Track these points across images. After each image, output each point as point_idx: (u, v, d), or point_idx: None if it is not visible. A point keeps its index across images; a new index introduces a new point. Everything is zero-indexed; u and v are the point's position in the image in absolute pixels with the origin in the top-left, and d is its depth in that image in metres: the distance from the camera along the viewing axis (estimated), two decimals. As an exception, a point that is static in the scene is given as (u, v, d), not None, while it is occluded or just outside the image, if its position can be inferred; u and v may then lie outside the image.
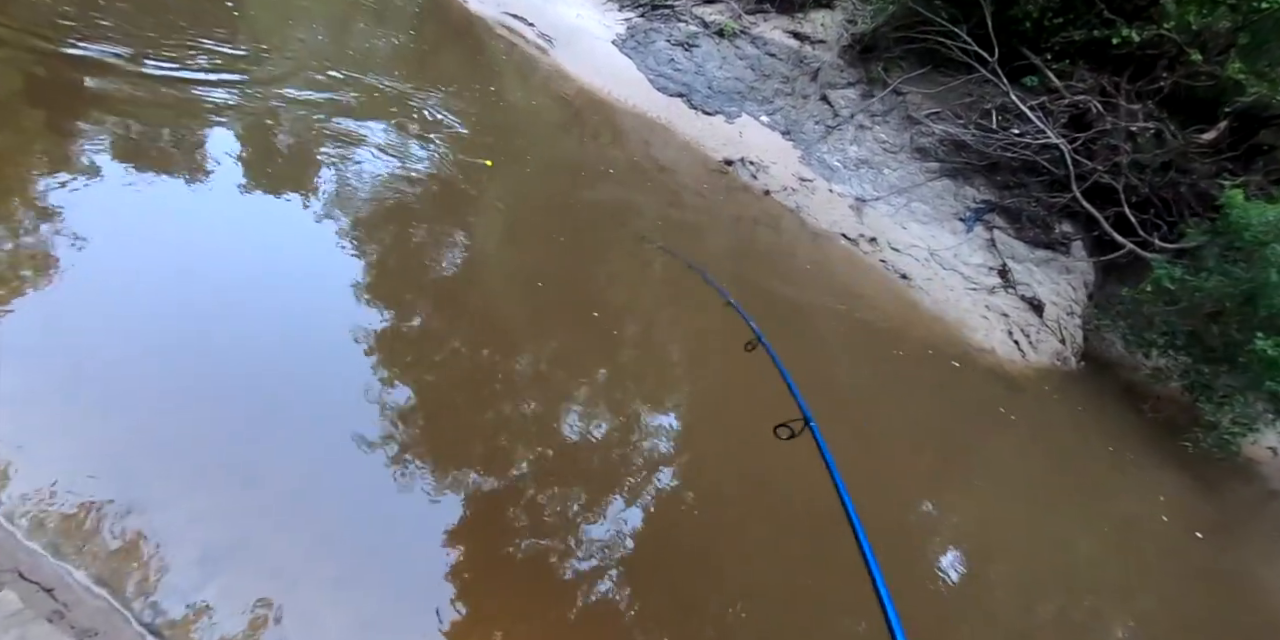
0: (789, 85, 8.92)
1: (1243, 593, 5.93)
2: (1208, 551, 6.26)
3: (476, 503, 3.40)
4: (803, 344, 6.43)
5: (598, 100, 8.93)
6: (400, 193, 5.59)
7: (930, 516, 5.06)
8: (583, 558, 3.36)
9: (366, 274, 4.67)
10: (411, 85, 7.27)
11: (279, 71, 6.40)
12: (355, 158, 5.76)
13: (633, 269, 6.33)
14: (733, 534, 3.98)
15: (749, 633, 3.41)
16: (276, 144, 5.58)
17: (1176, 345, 7.81)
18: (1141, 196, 8.32)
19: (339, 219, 5.04)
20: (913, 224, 8.22)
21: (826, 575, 3.93)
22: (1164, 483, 6.99)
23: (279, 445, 3.28)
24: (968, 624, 4.17)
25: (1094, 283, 8.60)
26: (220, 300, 3.89)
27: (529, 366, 4.54)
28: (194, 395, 3.33)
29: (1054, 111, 8.20)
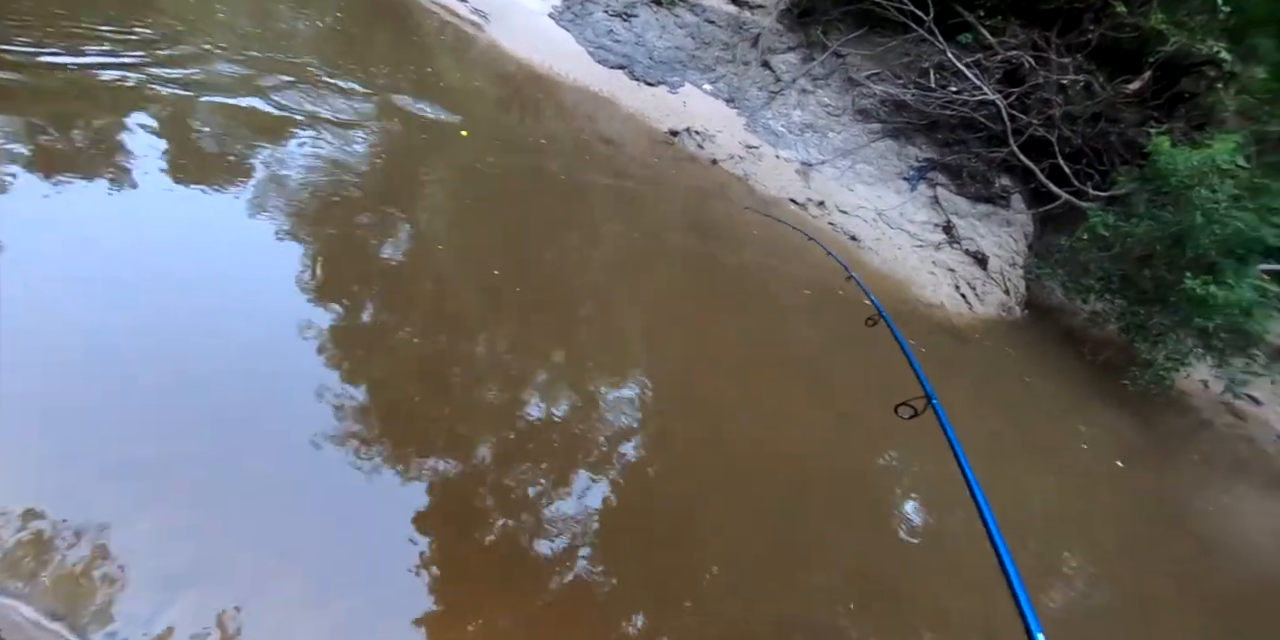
0: (730, 52, 8.90)
1: (1178, 517, 6.35)
2: (1145, 481, 6.68)
3: (442, 492, 3.38)
4: (757, 310, 6.57)
5: (538, 76, 8.79)
6: (337, 181, 5.38)
7: (891, 468, 5.28)
8: (554, 536, 3.37)
9: (307, 268, 4.48)
10: (343, 67, 7.05)
11: (198, 55, 6.12)
12: (289, 146, 5.53)
13: (585, 247, 6.33)
14: (703, 501, 4.06)
15: (725, 598, 3.49)
16: (198, 134, 5.26)
17: (1112, 289, 8.18)
18: (1074, 148, 8.60)
19: (271, 212, 4.80)
20: (859, 186, 8.37)
21: (797, 534, 4.10)
22: (1105, 421, 7.39)
23: (231, 454, 3.16)
24: (928, 569, 4.36)
25: (1033, 233, 8.91)
26: (155, 305, 3.72)
27: (485, 352, 4.50)
28: (133, 409, 3.18)
29: (989, 68, 8.37)
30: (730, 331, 5.97)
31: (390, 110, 6.69)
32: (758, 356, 5.80)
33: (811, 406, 5.44)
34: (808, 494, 4.49)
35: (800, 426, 5.12)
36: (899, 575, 4.18)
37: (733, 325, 6.09)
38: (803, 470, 4.67)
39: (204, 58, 6.10)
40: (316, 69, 6.78)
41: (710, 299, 6.37)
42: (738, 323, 6.18)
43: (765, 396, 5.28)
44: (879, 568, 4.18)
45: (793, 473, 4.60)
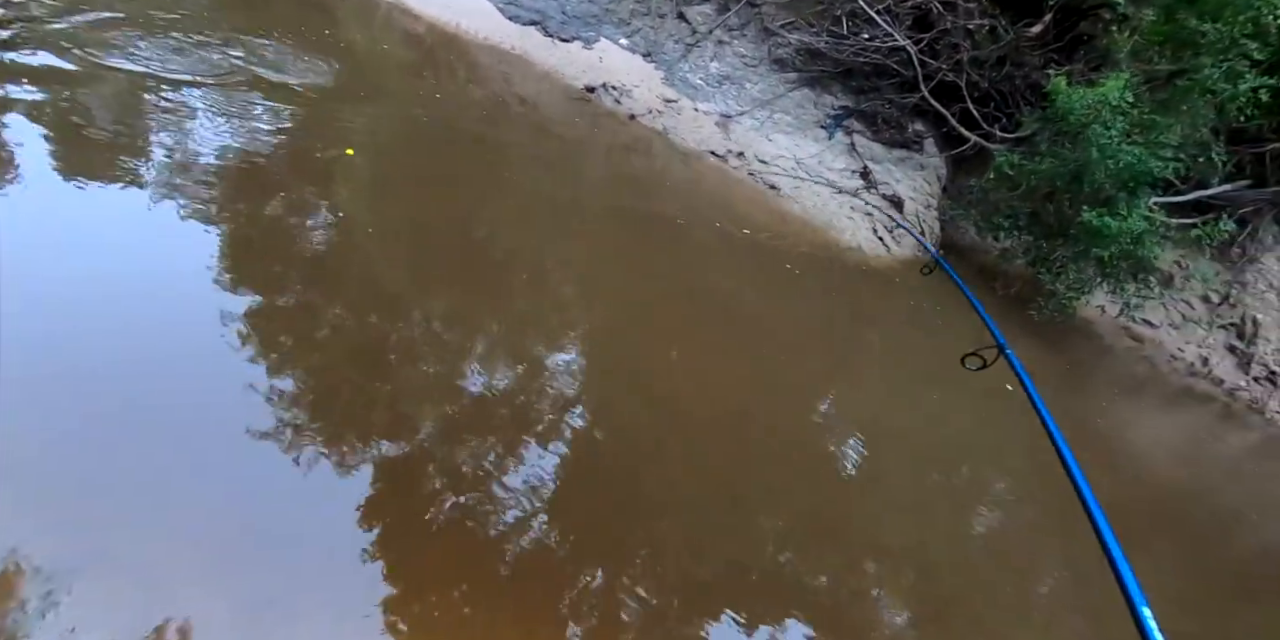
0: (645, 5, 8.83)
1: (1085, 436, 6.84)
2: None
3: (387, 473, 3.34)
4: (684, 262, 6.70)
5: (448, 35, 8.56)
6: (245, 158, 5.18)
7: (823, 410, 5.51)
8: (506, 508, 3.38)
9: (222, 254, 4.25)
10: (238, 32, 6.75)
11: (79, 20, 5.79)
12: (187, 122, 5.29)
13: (508, 212, 6.31)
14: (650, 459, 4.17)
15: (678, 550, 3.62)
16: (85, 112, 5.03)
17: (1020, 226, 8.58)
18: (982, 92, 8.88)
19: (174, 194, 4.55)
20: (778, 135, 8.50)
21: (741, 484, 4.26)
22: (1017, 349, 7.86)
23: (150, 451, 3.04)
24: (867, 505, 4.62)
25: (946, 176, 9.23)
26: (58, 301, 3.54)
27: (419, 327, 4.47)
28: (32, 407, 3.01)
29: (899, 14, 8.52)
30: (661, 287, 6.09)
31: (298, 86, 6.46)
32: (691, 311, 5.95)
33: (748, 357, 5.62)
34: (750, 444, 4.68)
35: (739, 378, 5.29)
36: (841, 514, 4.42)
37: (663, 281, 6.21)
38: (744, 421, 4.85)
39: (94, 28, 5.76)
40: (208, 32, 6.48)
41: (637, 256, 6.46)
42: (667, 278, 6.30)
43: (702, 350, 5.44)
44: (822, 508, 4.40)
45: (735, 424, 4.78)
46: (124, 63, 5.56)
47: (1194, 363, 9.10)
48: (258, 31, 6.92)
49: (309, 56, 6.93)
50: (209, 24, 6.69)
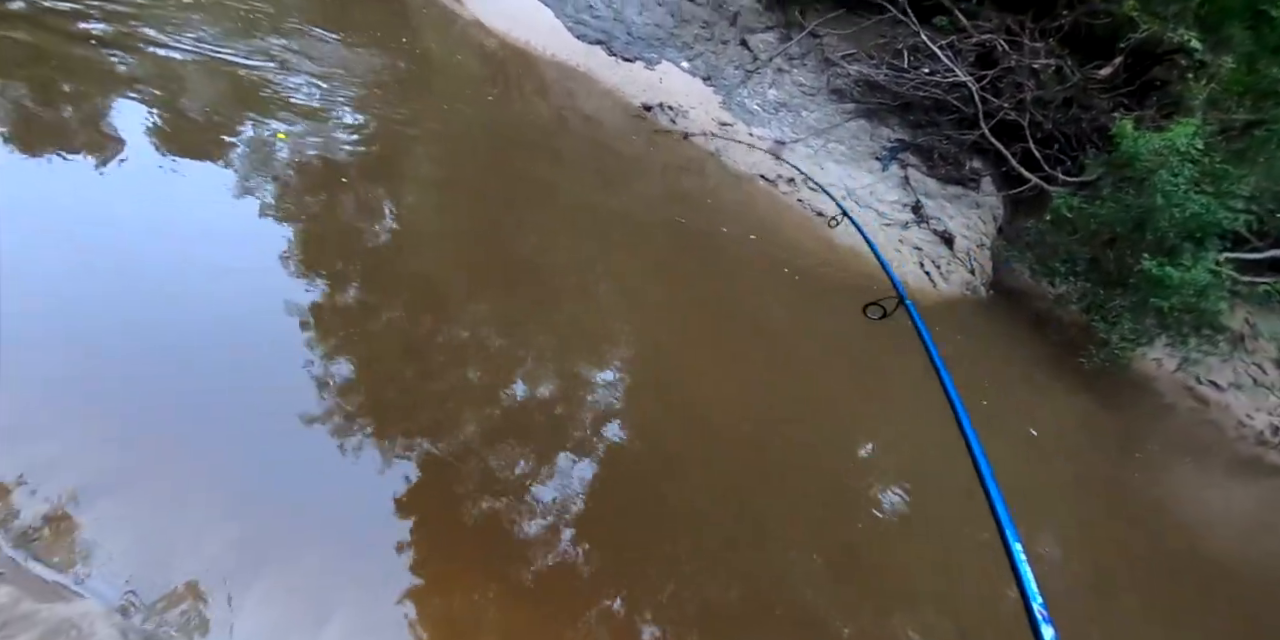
0: (709, 30, 9.01)
1: (1136, 500, 6.43)
2: (1101, 463, 6.79)
3: (427, 468, 3.44)
4: (726, 281, 6.70)
5: (518, 51, 8.89)
6: (324, 159, 5.48)
7: (857, 444, 5.33)
8: (536, 513, 3.46)
9: (294, 245, 4.54)
10: (320, 31, 7.16)
11: (183, 17, 6.25)
12: (274, 119, 5.62)
13: (567, 224, 6.42)
14: (684, 478, 4.16)
15: (704, 574, 3.59)
16: (184, 100, 5.37)
17: (1077, 272, 8.30)
18: (1046, 133, 8.70)
19: (260, 185, 4.89)
20: (830, 164, 8.48)
21: (773, 509, 4.21)
22: (1067, 400, 7.52)
23: (209, 428, 3.21)
24: (901, 547, 4.46)
25: (1003, 216, 9.02)
26: (142, 279, 3.83)
27: (470, 330, 4.58)
28: (113, 377, 3.23)
29: (962, 50, 8.48)
30: (704, 307, 6.11)
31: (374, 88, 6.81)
32: (732, 332, 5.94)
33: (785, 383, 5.56)
34: (786, 471, 4.60)
35: (775, 403, 5.23)
36: (873, 552, 4.28)
37: (706, 300, 6.22)
38: (777, 446, 4.79)
39: (186, 23, 6.21)
40: (290, 29, 6.90)
41: (682, 273, 6.49)
42: (711, 297, 6.31)
43: (740, 372, 5.41)
44: (853, 543, 4.28)
45: (769, 449, 4.72)
46: (211, 52, 5.96)
47: (1264, 431, 8.55)
48: (339, 33, 7.33)
49: (385, 61, 7.31)
50: (292, 21, 7.12)
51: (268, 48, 6.45)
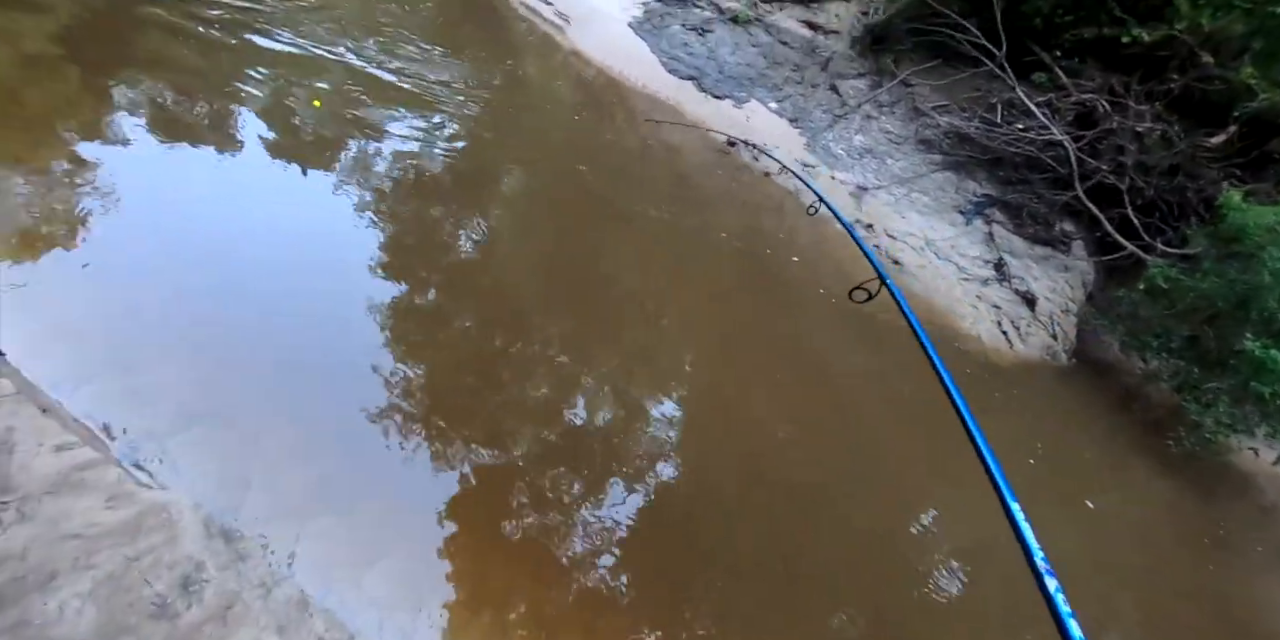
0: (799, 74, 9.06)
1: (1226, 613, 5.80)
2: (1192, 560, 6.18)
3: (481, 478, 3.52)
4: (795, 322, 6.56)
5: (612, 81, 9.15)
6: (421, 168, 5.80)
7: (917, 507, 5.02)
8: (580, 538, 3.45)
9: (384, 248, 4.81)
10: (438, 60, 7.55)
11: (310, 33, 6.70)
12: (379, 129, 5.98)
13: (641, 251, 6.47)
14: (730, 522, 4.06)
15: (741, 625, 3.47)
16: (300, 110, 5.78)
17: (1171, 348, 7.75)
18: (1147, 199, 8.28)
19: (358, 191, 5.22)
20: (912, 213, 8.29)
21: (819, 566, 4.05)
22: (1151, 485, 6.93)
23: (309, 387, 3.50)
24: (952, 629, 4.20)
25: (1094, 283, 8.56)
26: (240, 269, 4.08)
27: (538, 349, 4.65)
28: (203, 349, 3.47)
29: (1060, 109, 8.22)
30: (770, 346, 5.99)
31: (474, 103, 7.12)
32: (794, 374, 5.79)
33: (845, 431, 5.36)
34: (838, 525, 4.42)
35: (833, 452, 5.06)
36: (917, 626, 4.02)
37: (773, 340, 6.11)
38: (829, 498, 4.61)
39: (320, 40, 6.68)
40: (421, 62, 7.32)
41: (752, 310, 6.41)
42: (778, 338, 6.20)
43: (799, 416, 5.26)
44: (902, 619, 4.03)
45: (820, 499, 4.54)
46: (334, 55, 6.40)
47: (1381, 541, 7.63)
48: (450, 51, 7.72)
49: (487, 81, 7.64)
50: (412, 38, 7.56)
51: (381, 56, 6.86)
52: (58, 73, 4.79)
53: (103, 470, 2.20)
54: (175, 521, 2.15)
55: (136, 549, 1.98)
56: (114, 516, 2.05)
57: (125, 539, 1.99)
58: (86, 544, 1.92)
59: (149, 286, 3.62)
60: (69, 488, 2.04)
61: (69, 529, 1.94)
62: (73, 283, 3.38)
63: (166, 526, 2.11)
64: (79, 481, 2.09)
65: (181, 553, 2.06)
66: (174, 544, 2.07)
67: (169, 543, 2.06)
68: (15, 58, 4.74)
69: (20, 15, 5.12)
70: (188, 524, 2.17)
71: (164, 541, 2.06)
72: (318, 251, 4.56)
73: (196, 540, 2.14)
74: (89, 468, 2.16)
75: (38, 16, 5.22)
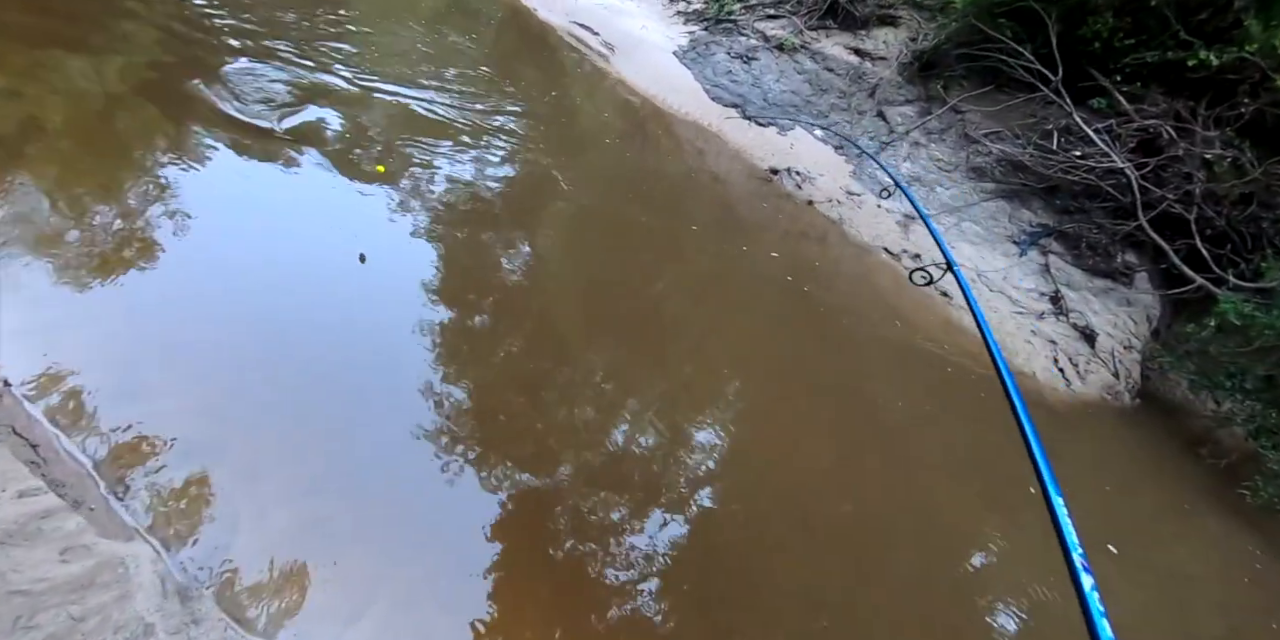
0: (845, 100, 8.92)
1: None
2: (1268, 624, 5.70)
3: (521, 500, 3.49)
4: (840, 356, 6.36)
5: (657, 109, 9.18)
6: (472, 194, 5.90)
7: (972, 556, 4.76)
8: (619, 567, 3.39)
9: (434, 271, 4.89)
10: (490, 89, 7.70)
11: (372, 65, 6.92)
12: (433, 155, 6.12)
13: (686, 279, 6.44)
14: (773, 561, 3.95)
15: None
16: (362, 135, 5.96)
17: (1246, 389, 7.25)
18: (1218, 230, 7.82)
19: (411, 214, 5.33)
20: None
21: (864, 618, 3.87)
22: (1221, 537, 6.43)
23: (332, 413, 3.46)
24: None
25: (1160, 318, 8.10)
26: (293, 283, 4.22)
27: (583, 375, 4.64)
28: (252, 356, 3.54)
29: (1121, 135, 7.87)
30: (813, 378, 5.84)
31: (522, 133, 7.24)
32: (840, 409, 5.60)
33: (891, 471, 5.13)
34: (883, 575, 4.21)
35: (878, 492, 4.85)
36: None
37: (816, 372, 5.95)
38: (876, 542, 4.42)
39: (382, 70, 6.91)
40: (473, 91, 7.51)
41: (795, 342, 6.26)
42: (822, 370, 6.03)
43: (843, 453, 5.09)
44: None
45: (866, 543, 4.36)
46: (392, 87, 6.58)
47: None
48: (502, 83, 7.86)
49: (536, 110, 7.73)
50: (462, 67, 7.73)
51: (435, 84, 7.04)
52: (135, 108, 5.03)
53: (63, 519, 2.13)
54: (130, 577, 2.05)
55: (84, 608, 1.89)
56: (66, 571, 1.97)
57: (74, 596, 1.91)
58: (31, 601, 1.84)
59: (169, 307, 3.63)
60: (24, 538, 1.98)
61: (17, 584, 1.86)
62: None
63: (120, 582, 2.02)
64: (35, 532, 2.03)
65: (131, 613, 1.96)
66: (125, 603, 1.97)
67: (119, 601, 1.97)
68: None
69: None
70: (143, 580, 2.07)
71: (114, 600, 1.96)
72: (356, 273, 4.59)
73: (150, 599, 2.04)
74: (49, 516, 2.10)
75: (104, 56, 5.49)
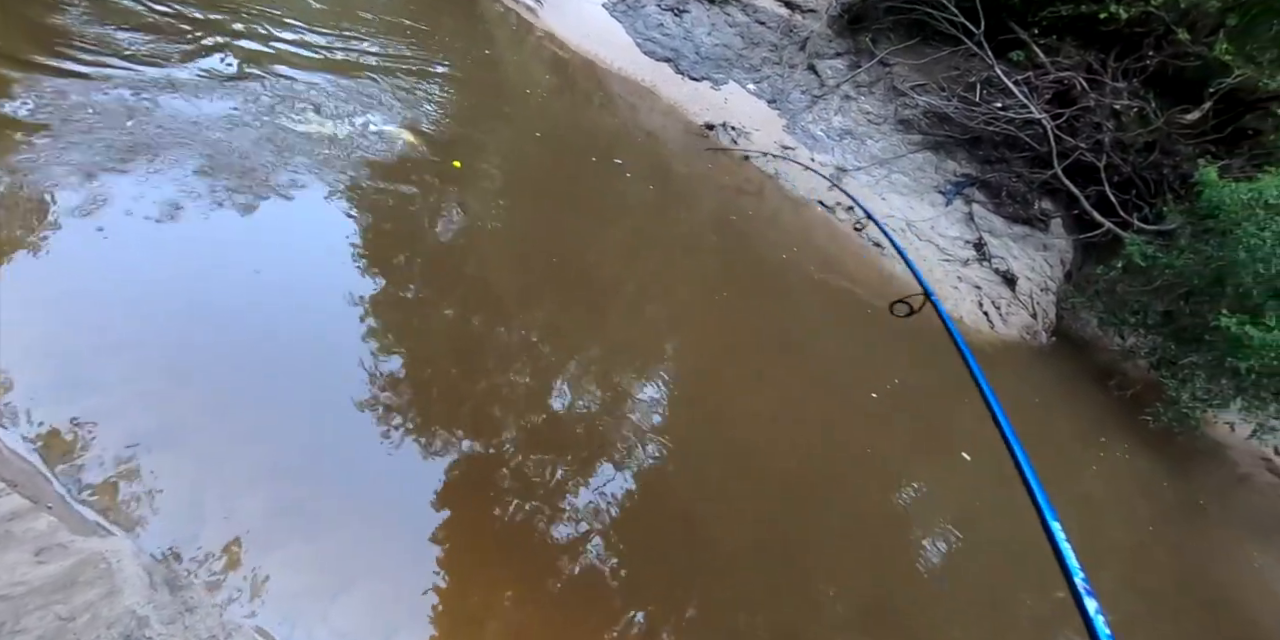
0: (777, 54, 8.95)
1: (1193, 578, 5.90)
2: (1171, 532, 6.29)
3: (465, 466, 3.44)
4: (778, 305, 6.53)
5: (588, 63, 8.99)
6: (396, 157, 5.52)
7: (904, 488, 5.06)
8: (569, 523, 3.40)
9: (359, 241, 4.57)
10: (410, 47, 7.32)
11: (272, 25, 6.44)
12: (351, 114, 5.66)
13: (623, 236, 6.39)
14: (718, 504, 4.04)
15: (731, 607, 3.46)
16: (264, 101, 5.34)
17: (1148, 324, 7.85)
18: (1124, 176, 8.32)
19: (329, 181, 4.87)
20: (892, 195, 8.26)
21: (812, 548, 4.05)
22: (1129, 461, 7.03)
23: (269, 397, 3.30)
24: (941, 607, 4.20)
25: (1073, 261, 8.62)
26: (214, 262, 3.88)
27: (519, 335, 4.54)
28: (183, 342, 3.33)
29: (1038, 87, 8.20)
30: (751, 329, 5.95)
31: (447, 89, 6.94)
32: (778, 357, 5.75)
33: (830, 414, 5.35)
34: (820, 506, 4.41)
35: (818, 434, 5.04)
36: (913, 611, 4.03)
37: (754, 322, 6.07)
38: (817, 480, 4.60)
39: (283, 29, 6.38)
40: (390, 50, 7.06)
41: (733, 294, 6.34)
42: (759, 320, 6.16)
43: (783, 400, 5.23)
44: (893, 598, 4.04)
45: (807, 482, 4.53)
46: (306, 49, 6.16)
47: (1350, 510, 7.84)
48: (424, 37, 7.50)
49: (463, 67, 7.43)
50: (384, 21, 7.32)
51: (357, 45, 6.64)
52: None
53: (32, 519, 2.04)
54: (114, 572, 1.98)
55: (71, 607, 1.83)
56: (45, 572, 1.91)
57: (58, 596, 1.85)
58: (13, 606, 1.78)
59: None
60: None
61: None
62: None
63: (104, 578, 1.95)
64: (5, 534, 1.96)
65: (122, 608, 1.90)
66: (113, 599, 1.91)
67: (107, 597, 1.90)
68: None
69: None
70: (129, 575, 1.99)
71: (101, 596, 1.90)
72: (276, 242, 4.32)
73: (138, 592, 1.97)
74: (16, 518, 2.02)
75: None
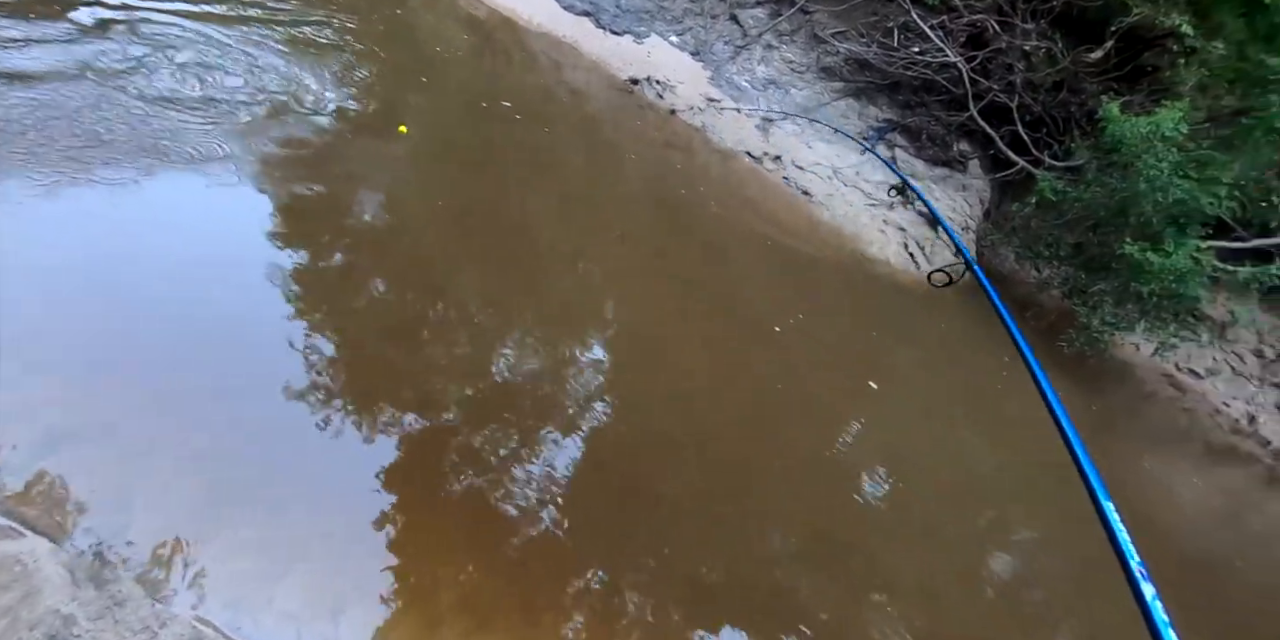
0: (698, 5, 8.90)
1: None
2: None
3: (410, 446, 3.38)
4: (711, 258, 6.65)
5: (506, 20, 8.76)
6: (307, 125, 5.24)
7: (843, 428, 5.26)
8: (520, 492, 3.40)
9: (271, 218, 4.32)
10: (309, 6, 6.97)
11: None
12: (249, 86, 5.26)
13: (553, 198, 6.33)
14: (666, 458, 4.12)
15: (686, 555, 3.56)
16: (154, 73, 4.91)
17: (1060, 256, 8.29)
18: (1035, 116, 8.66)
19: (233, 157, 4.51)
20: (818, 143, 8.41)
21: (757, 492, 4.17)
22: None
23: (196, 385, 3.14)
24: (881, 533, 4.43)
25: (990, 200, 8.99)
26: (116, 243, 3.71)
27: (455, 307, 4.49)
28: (91, 328, 3.16)
29: (953, 30, 8.40)
30: (687, 284, 6.03)
31: (362, 50, 6.66)
32: (715, 311, 5.87)
33: (769, 362, 5.50)
34: (766, 453, 4.55)
35: (759, 383, 5.18)
36: (853, 538, 4.24)
37: (690, 278, 6.16)
38: (760, 428, 4.75)
39: None
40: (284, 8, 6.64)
41: (667, 250, 6.43)
42: (694, 275, 6.25)
43: (723, 352, 5.36)
44: (835, 529, 4.24)
45: (752, 431, 4.68)
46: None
47: (1239, 419, 8.59)
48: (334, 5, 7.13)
49: (373, 26, 7.15)
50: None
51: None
52: None
53: None
54: (31, 573, 1.92)
55: None
56: None
57: None
58: None
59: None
60: (-108, 553, 1.81)
61: (-104, 604, 1.72)
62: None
63: (21, 581, 1.89)
64: None
65: (43, 608, 1.86)
66: (33, 600, 1.87)
67: (26, 600, 1.86)
68: None
69: None
70: (48, 574, 1.94)
71: (19, 599, 1.85)
72: (195, 230, 4.10)
73: (60, 591, 1.93)
74: None
75: None
